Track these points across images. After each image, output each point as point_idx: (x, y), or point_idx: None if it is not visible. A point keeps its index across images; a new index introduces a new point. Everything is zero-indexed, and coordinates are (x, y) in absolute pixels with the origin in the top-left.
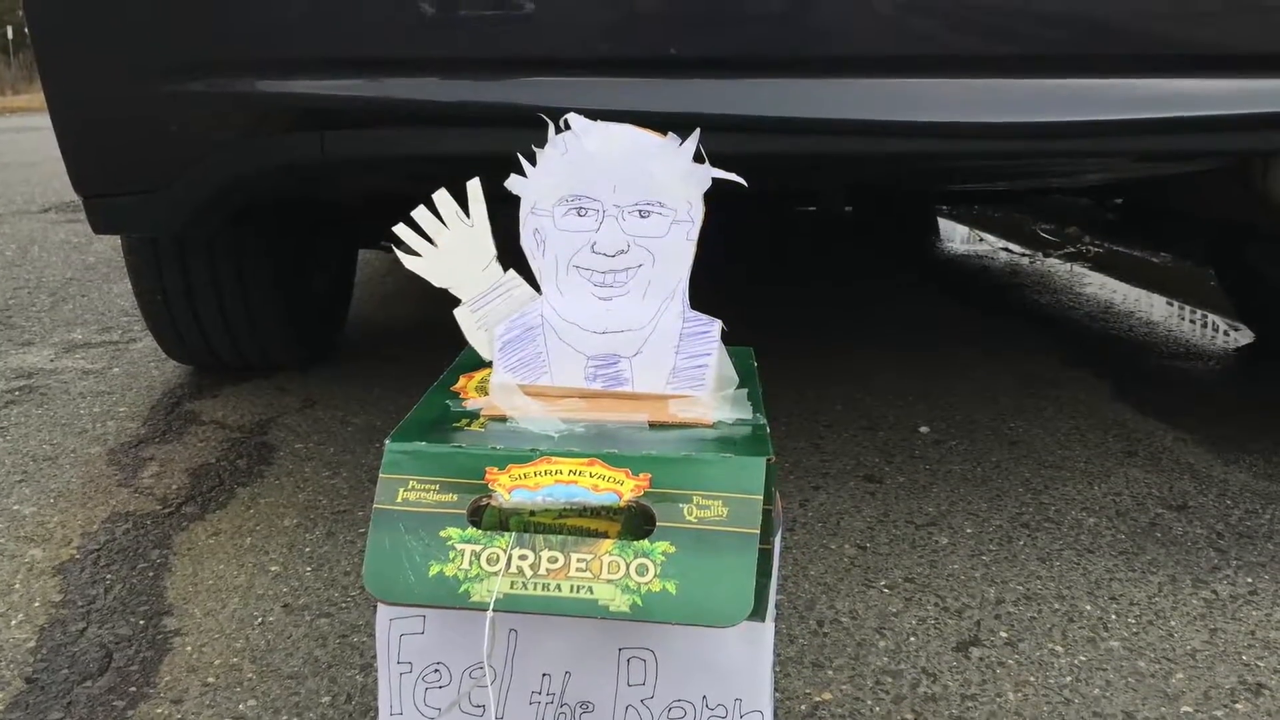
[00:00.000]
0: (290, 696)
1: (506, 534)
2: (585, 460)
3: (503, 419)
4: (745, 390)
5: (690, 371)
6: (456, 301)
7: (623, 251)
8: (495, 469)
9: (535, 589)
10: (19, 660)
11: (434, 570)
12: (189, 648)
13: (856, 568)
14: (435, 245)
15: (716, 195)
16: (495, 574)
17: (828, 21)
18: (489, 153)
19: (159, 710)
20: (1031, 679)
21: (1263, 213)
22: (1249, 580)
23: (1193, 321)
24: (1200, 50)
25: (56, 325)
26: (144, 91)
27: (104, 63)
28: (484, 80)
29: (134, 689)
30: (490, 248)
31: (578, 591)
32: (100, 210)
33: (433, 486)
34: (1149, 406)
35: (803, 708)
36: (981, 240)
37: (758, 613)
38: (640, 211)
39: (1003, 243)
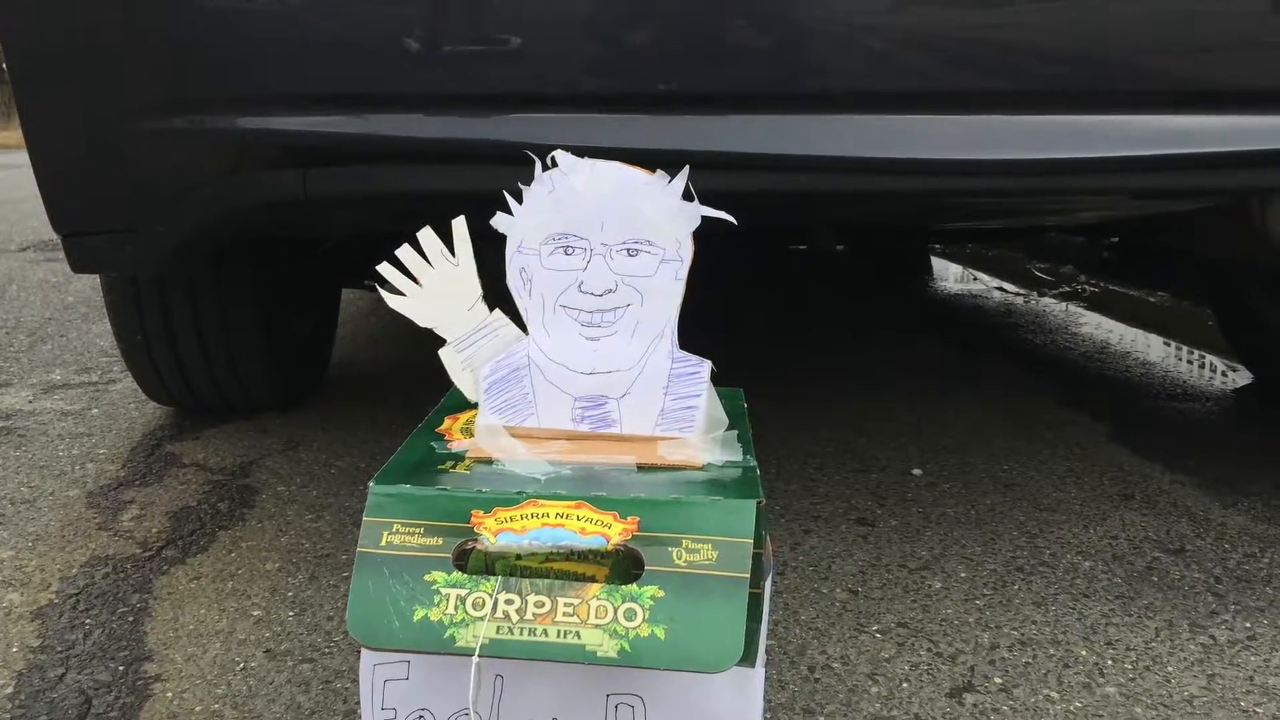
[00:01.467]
0: None
1: (492, 578)
2: (572, 503)
3: (488, 461)
4: (735, 432)
5: (679, 413)
6: (441, 342)
7: (610, 291)
8: (481, 512)
9: (522, 634)
10: None
11: (419, 615)
12: (169, 694)
13: (848, 612)
14: (420, 284)
15: (704, 233)
16: (481, 619)
17: (819, 57)
18: (474, 190)
19: None
20: None
21: (1261, 252)
22: (1247, 625)
23: (1190, 362)
24: (1198, 86)
25: (35, 366)
26: (123, 128)
27: (83, 99)
28: (469, 116)
29: None
30: (476, 287)
31: (565, 636)
32: (79, 249)
33: (417, 530)
34: (1146, 449)
35: None
36: (975, 279)
37: (748, 658)
38: (628, 250)
39: (997, 282)
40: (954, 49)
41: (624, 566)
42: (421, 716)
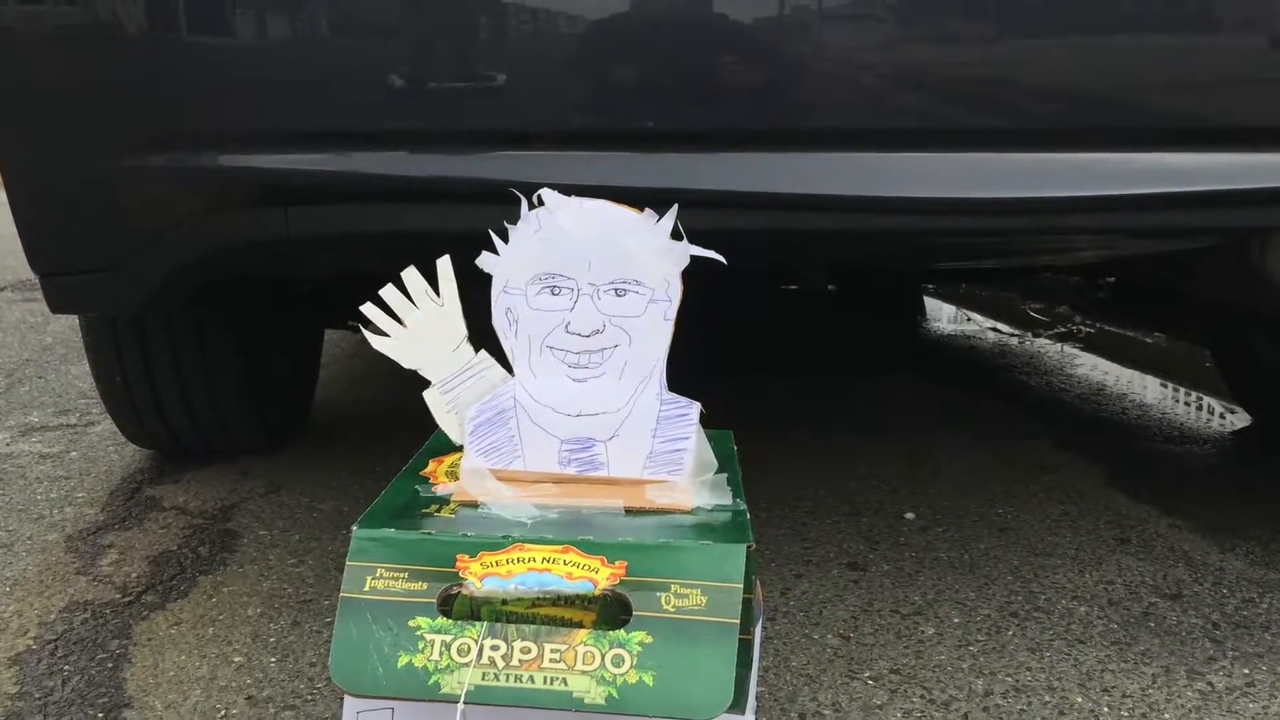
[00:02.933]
0: None
1: (478, 623)
2: (559, 547)
3: (474, 505)
4: (725, 475)
5: (668, 455)
6: (426, 383)
7: (598, 331)
8: (466, 556)
9: (507, 680)
10: None
11: (403, 661)
12: None
13: (840, 658)
14: (404, 325)
15: (691, 273)
16: (466, 665)
17: (810, 94)
18: (459, 229)
19: None
20: None
21: (1261, 293)
22: (1246, 671)
23: (1188, 404)
24: (1195, 123)
25: (12, 408)
26: (102, 166)
27: (61, 136)
28: (454, 154)
29: None
30: (461, 328)
31: (551, 683)
32: (57, 289)
33: (402, 574)
34: (1142, 492)
35: None
36: (969, 320)
37: (737, 705)
38: (616, 290)
39: (991, 322)
40: (947, 85)
41: (612, 612)
42: None
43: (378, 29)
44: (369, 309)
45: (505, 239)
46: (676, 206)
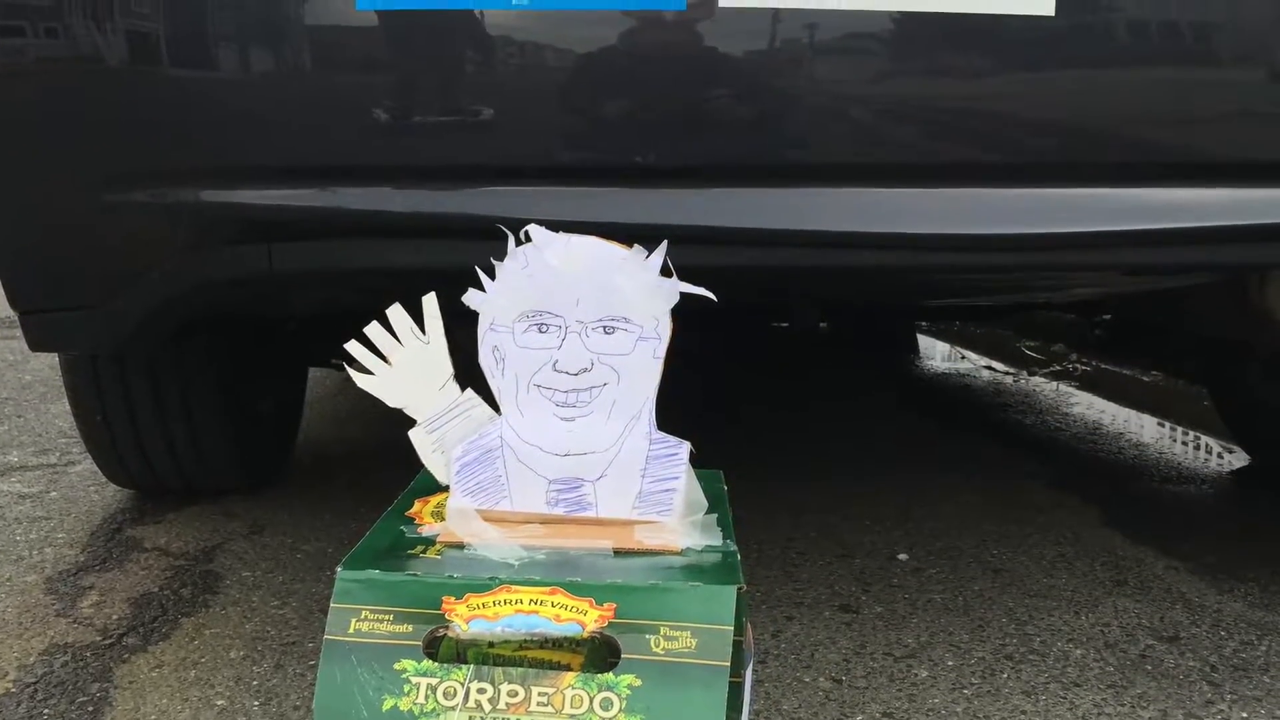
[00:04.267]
0: None
1: (464, 666)
2: (547, 589)
3: (460, 546)
4: (715, 515)
5: (657, 495)
6: (412, 422)
7: (586, 370)
8: (452, 598)
9: None
10: None
11: (388, 705)
12: None
13: (832, 702)
14: (389, 363)
15: (682, 311)
16: (452, 709)
17: (801, 129)
18: (446, 266)
19: None
20: None
21: (1259, 330)
22: (1244, 715)
23: (1185, 443)
24: (1192, 158)
25: None
26: (82, 201)
27: (40, 171)
28: (440, 189)
29: None
30: (447, 366)
31: None
32: (37, 326)
33: (386, 616)
34: (1139, 533)
35: None
36: (963, 358)
37: None
38: (604, 328)
39: (985, 360)
40: (940, 120)
41: (600, 654)
42: None
43: (362, 62)
44: (353, 346)
45: (492, 276)
46: (666, 243)
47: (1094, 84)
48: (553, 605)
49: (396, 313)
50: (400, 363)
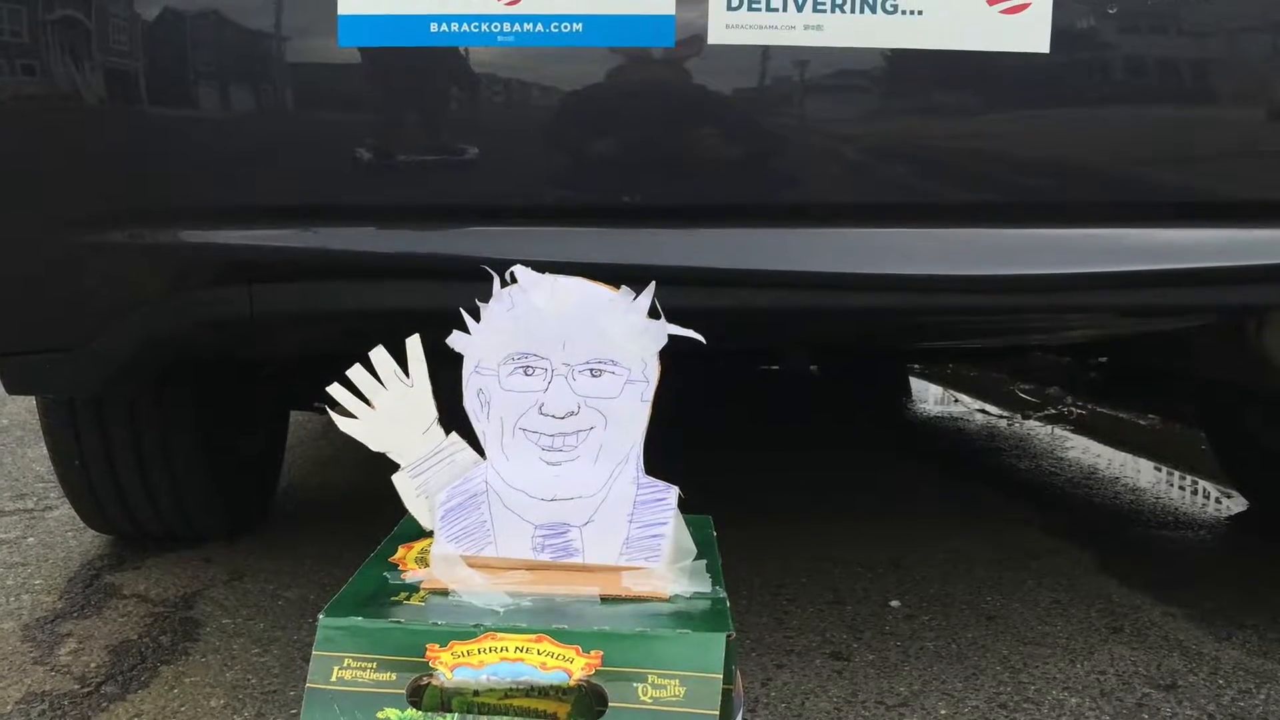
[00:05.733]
0: None
1: (449, 715)
2: (533, 636)
3: (444, 592)
4: (703, 561)
5: (645, 541)
6: (395, 466)
7: (573, 413)
8: (436, 646)
9: None
10: None
11: None
12: None
13: None
14: (372, 407)
15: (671, 353)
16: None
17: (791, 167)
18: (430, 307)
19: None
20: None
21: (1258, 373)
22: None
23: (1182, 488)
24: (1188, 198)
25: None
26: (60, 242)
27: (15, 210)
28: (425, 230)
29: None
30: (431, 409)
31: None
32: (13, 369)
33: (370, 664)
34: (1136, 579)
35: None
36: (956, 401)
37: None
38: (591, 370)
39: (979, 404)
40: (933, 159)
41: (587, 703)
42: None
43: (345, 100)
44: (336, 390)
45: (477, 317)
46: (654, 284)
47: (1089, 122)
48: (539, 653)
49: (380, 355)
50: (383, 406)
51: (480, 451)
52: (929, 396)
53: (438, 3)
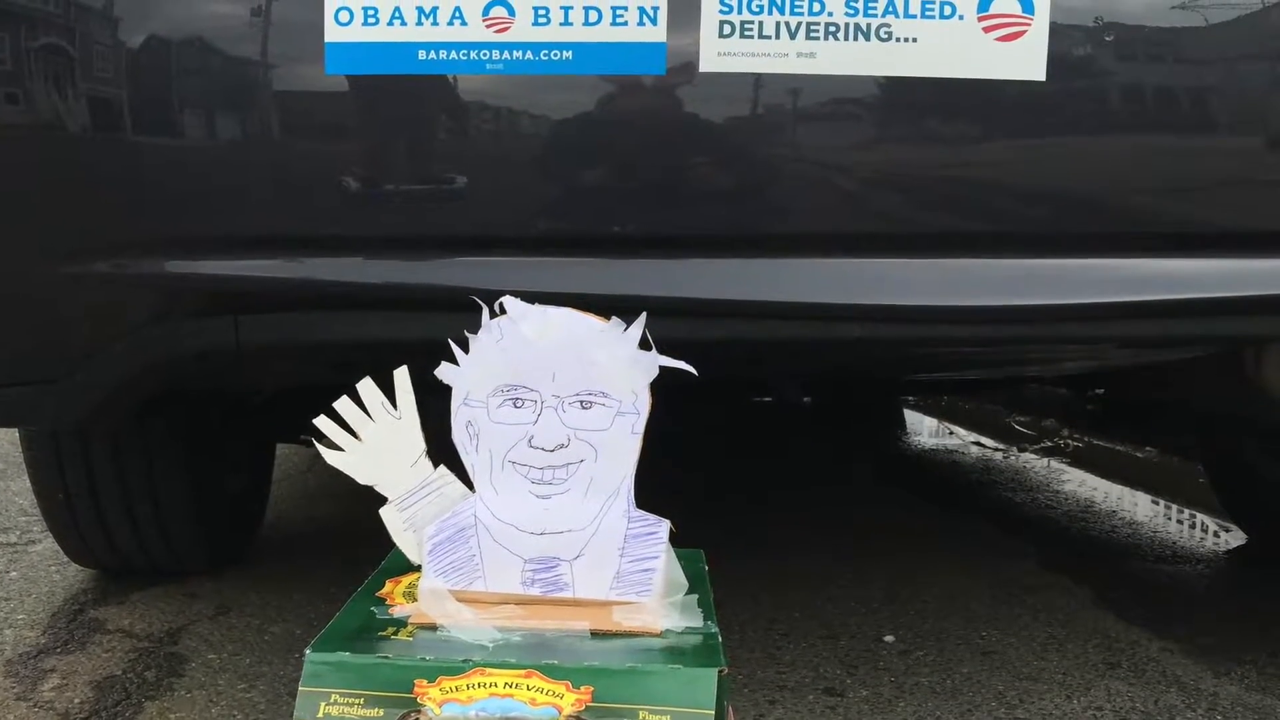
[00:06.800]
0: None
1: None
2: (522, 672)
3: (433, 627)
4: (695, 596)
5: (636, 575)
6: (383, 500)
7: (563, 446)
8: (425, 681)
9: None
10: None
11: None
12: None
13: None
14: (359, 439)
15: (661, 385)
16: None
17: (785, 197)
18: (418, 338)
19: None
20: None
21: (1257, 405)
22: None
23: (1180, 522)
24: (1186, 228)
25: None
26: (43, 273)
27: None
28: (412, 260)
29: None
30: (419, 442)
31: None
32: None
33: (357, 700)
34: (1133, 614)
35: None
36: (951, 433)
37: None
38: (581, 402)
39: (974, 436)
40: (928, 188)
41: None
42: None
43: (332, 128)
44: (323, 422)
45: (465, 349)
46: (645, 315)
47: (1086, 151)
48: (528, 688)
49: (367, 387)
50: (371, 438)
51: (469, 484)
52: (924, 429)
53: (426, 30)
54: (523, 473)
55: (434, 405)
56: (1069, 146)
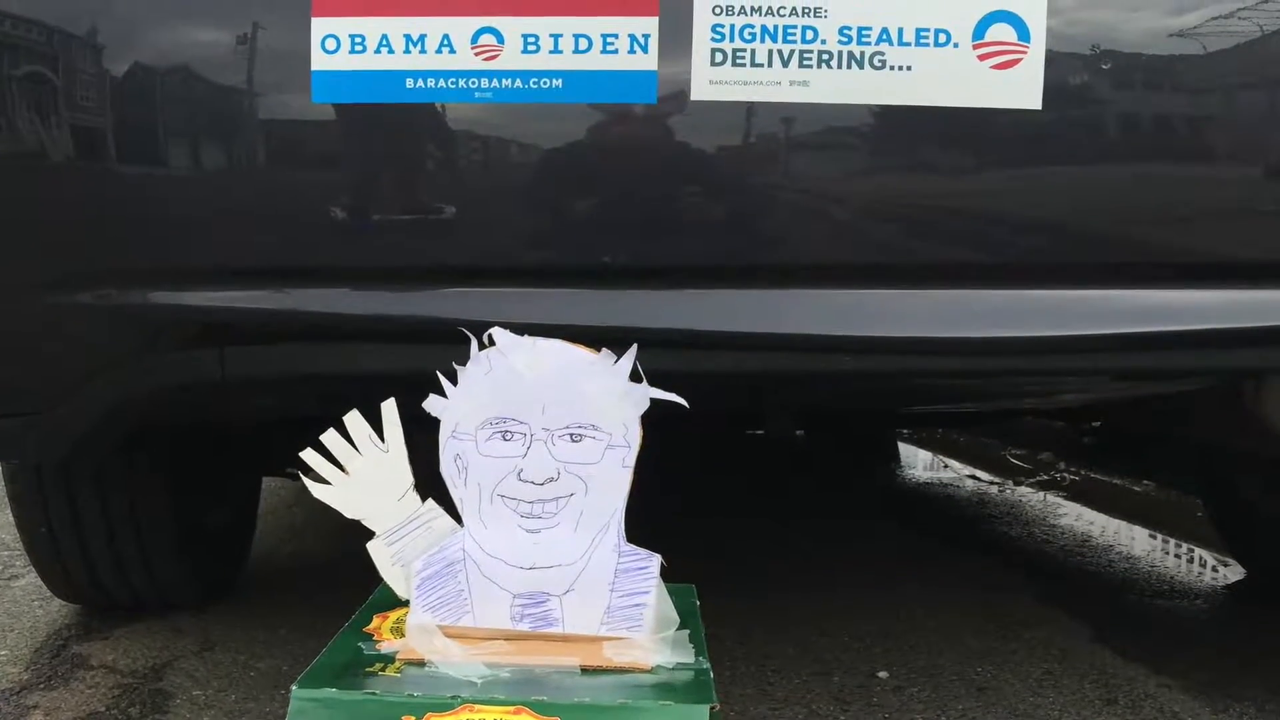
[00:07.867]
0: None
1: None
2: (511, 709)
3: (421, 663)
4: (686, 631)
5: (626, 611)
6: (370, 534)
7: (552, 479)
8: (413, 718)
9: None
10: None
11: None
12: None
13: None
14: (346, 472)
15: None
16: None
17: (778, 227)
18: (406, 370)
19: None
20: None
21: (1256, 438)
22: None
23: (1178, 556)
24: (1185, 259)
25: None
26: (25, 305)
27: None
28: (401, 291)
29: None
30: (407, 475)
31: None
32: None
33: None
34: (1130, 650)
35: None
36: (946, 466)
37: None
38: (572, 435)
39: (969, 469)
40: (923, 219)
41: None
42: None
43: (319, 158)
44: (309, 455)
45: (454, 381)
46: (636, 347)
47: (1082, 181)
48: None
49: (354, 420)
50: (358, 472)
51: (457, 518)
52: (918, 462)
53: (414, 58)
54: (512, 506)
55: (422, 438)
56: (1065, 176)
